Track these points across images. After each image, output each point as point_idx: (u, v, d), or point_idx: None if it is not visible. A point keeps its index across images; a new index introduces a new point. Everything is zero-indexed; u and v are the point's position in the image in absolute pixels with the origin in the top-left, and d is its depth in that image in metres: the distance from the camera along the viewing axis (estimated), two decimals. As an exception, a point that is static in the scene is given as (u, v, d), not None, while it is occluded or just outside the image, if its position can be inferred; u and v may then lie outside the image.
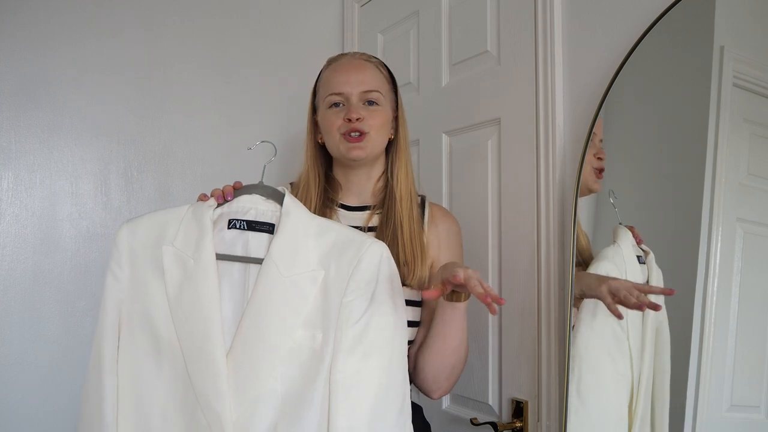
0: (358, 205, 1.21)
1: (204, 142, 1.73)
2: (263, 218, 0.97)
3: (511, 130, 1.39)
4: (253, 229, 0.96)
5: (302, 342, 0.90)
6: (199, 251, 0.94)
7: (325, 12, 1.98)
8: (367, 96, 1.17)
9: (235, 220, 0.97)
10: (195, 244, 0.94)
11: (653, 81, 1.10)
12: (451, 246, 1.20)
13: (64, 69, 1.55)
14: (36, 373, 1.48)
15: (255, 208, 0.98)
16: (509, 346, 1.37)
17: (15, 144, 1.50)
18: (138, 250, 0.96)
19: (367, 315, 0.91)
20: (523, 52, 1.36)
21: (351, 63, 1.21)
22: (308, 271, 0.92)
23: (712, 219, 0.97)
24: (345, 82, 1.17)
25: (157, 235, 0.97)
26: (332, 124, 1.16)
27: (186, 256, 0.94)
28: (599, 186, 1.17)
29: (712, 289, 0.97)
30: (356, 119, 1.14)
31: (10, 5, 1.49)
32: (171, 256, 0.95)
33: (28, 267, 1.49)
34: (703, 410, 0.96)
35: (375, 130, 1.16)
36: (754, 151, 0.96)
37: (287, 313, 0.91)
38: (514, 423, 1.31)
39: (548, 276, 1.26)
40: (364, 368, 0.90)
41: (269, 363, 0.89)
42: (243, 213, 0.97)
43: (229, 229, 0.96)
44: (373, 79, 1.19)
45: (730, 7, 1.00)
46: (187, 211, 0.98)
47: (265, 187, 1.01)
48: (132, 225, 0.98)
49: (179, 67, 1.70)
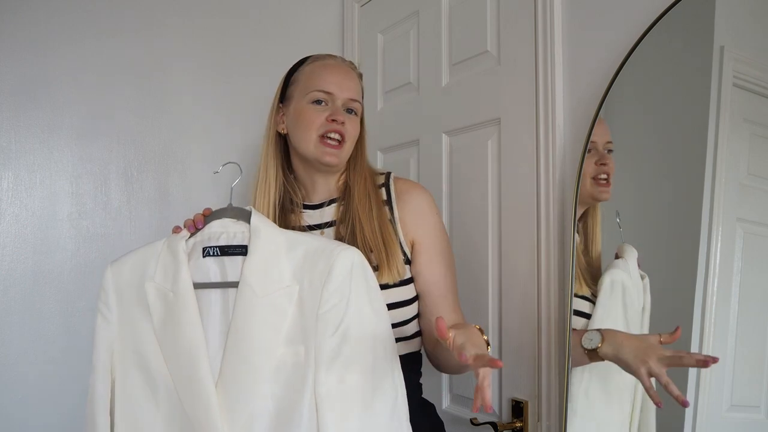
0: (321, 201, 1.21)
1: (204, 142, 1.73)
2: (235, 241, 0.98)
3: (511, 130, 1.39)
4: (227, 254, 0.97)
5: (285, 359, 0.91)
6: (177, 283, 0.95)
7: (325, 12, 1.98)
8: (350, 104, 1.17)
9: (208, 247, 0.98)
10: (172, 277, 0.96)
11: (653, 81, 1.10)
12: (425, 217, 1.17)
13: (64, 69, 1.55)
14: (36, 373, 1.48)
15: (226, 232, 0.99)
16: (509, 346, 1.37)
17: (15, 144, 1.50)
18: (124, 289, 0.99)
19: (344, 324, 0.90)
20: (523, 52, 1.36)
21: (342, 67, 1.20)
22: (283, 287, 0.93)
23: (712, 219, 0.97)
24: (335, 83, 1.16)
25: (140, 273, 0.99)
26: (312, 122, 1.14)
27: (166, 289, 0.96)
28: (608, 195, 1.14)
29: (712, 289, 0.97)
30: (342, 122, 1.14)
31: (10, 5, 1.49)
32: (153, 291, 0.97)
33: (28, 267, 1.49)
34: (703, 410, 0.96)
35: (351, 139, 1.16)
36: (754, 151, 0.96)
37: (267, 332, 0.91)
38: (514, 423, 1.31)
39: (548, 276, 1.26)
40: (346, 378, 0.89)
41: (256, 383, 0.90)
42: (215, 239, 0.98)
43: (204, 257, 0.97)
44: (357, 89, 1.20)
45: (730, 7, 1.00)
46: (163, 245, 1.00)
47: (233, 209, 1.01)
48: (116, 266, 1.01)
49: (179, 67, 1.70)
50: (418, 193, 1.19)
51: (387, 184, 1.20)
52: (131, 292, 0.98)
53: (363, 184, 1.17)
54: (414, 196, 1.18)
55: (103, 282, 1.00)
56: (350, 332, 0.90)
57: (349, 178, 1.19)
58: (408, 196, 1.18)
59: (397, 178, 1.22)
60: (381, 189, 1.19)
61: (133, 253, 1.02)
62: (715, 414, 0.96)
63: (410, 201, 1.18)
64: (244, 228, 0.99)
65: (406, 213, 1.16)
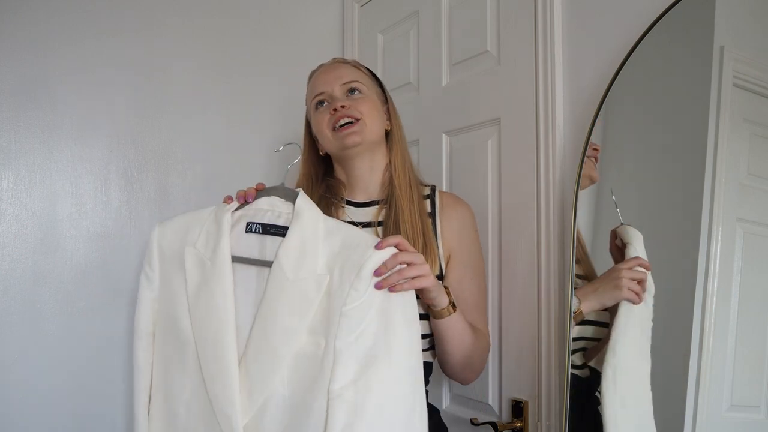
0: (365, 201, 1.22)
1: (204, 142, 1.73)
2: (278, 221, 0.97)
3: (511, 130, 1.39)
4: (268, 233, 0.97)
5: (306, 348, 0.89)
6: (216, 253, 0.95)
7: (325, 12, 1.98)
8: (347, 86, 1.20)
9: (251, 223, 0.98)
10: (213, 246, 0.96)
11: (653, 81, 1.10)
12: (465, 234, 1.20)
13: (64, 69, 1.54)
14: (36, 374, 1.48)
15: (272, 211, 0.98)
16: (509, 346, 1.37)
17: (15, 144, 1.50)
18: (166, 251, 1.00)
19: (364, 324, 0.87)
20: (523, 52, 1.36)
21: (328, 66, 1.25)
22: (314, 275, 0.91)
23: (712, 219, 0.97)
24: (324, 82, 1.21)
25: (182, 237, 1.00)
26: (321, 122, 1.19)
27: (204, 257, 0.96)
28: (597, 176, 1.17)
29: (712, 289, 0.97)
30: (341, 106, 1.16)
31: (10, 5, 1.49)
32: (192, 257, 0.97)
33: (28, 267, 1.49)
34: (703, 410, 0.96)
35: (366, 115, 1.17)
36: (754, 151, 0.96)
37: (292, 317, 0.90)
38: (514, 423, 1.31)
39: (548, 276, 1.26)
40: (362, 379, 0.86)
41: (275, 367, 0.89)
42: (260, 216, 0.98)
43: (247, 233, 0.97)
44: (350, 72, 1.22)
45: (730, 7, 1.00)
46: (210, 213, 1.00)
47: (284, 188, 1.01)
48: (162, 227, 1.02)
49: (179, 67, 1.70)
50: (463, 209, 1.22)
51: (432, 196, 1.22)
52: (172, 255, 0.99)
53: (407, 188, 1.19)
54: (458, 210, 1.21)
55: (149, 242, 1.01)
56: (372, 333, 0.87)
57: (393, 178, 1.20)
58: (452, 210, 1.20)
59: (442, 191, 1.25)
60: (426, 201, 1.21)
61: (181, 216, 1.03)
62: (715, 414, 0.96)
63: (453, 215, 1.20)
64: (290, 209, 0.98)
65: (447, 227, 1.18)
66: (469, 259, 1.19)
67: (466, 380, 1.19)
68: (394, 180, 1.19)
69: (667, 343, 1.02)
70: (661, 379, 1.01)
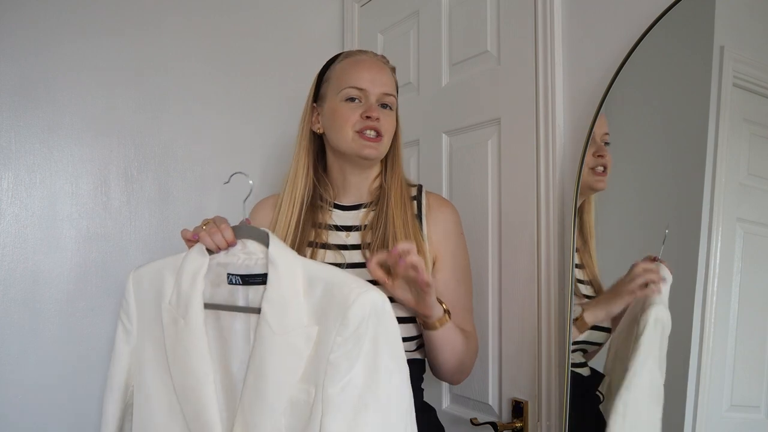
0: (352, 204, 1.21)
1: (204, 142, 1.73)
2: (255, 269, 0.94)
3: (511, 130, 1.39)
4: (249, 284, 0.94)
5: (299, 396, 0.87)
6: (188, 311, 0.93)
7: (325, 12, 1.98)
8: (384, 99, 1.16)
9: (231, 275, 0.95)
10: (185, 302, 0.94)
11: (653, 81, 1.10)
12: (451, 236, 1.19)
13: (64, 69, 1.54)
14: (36, 374, 1.48)
15: (247, 258, 0.94)
16: (509, 346, 1.37)
17: (15, 144, 1.50)
18: (144, 302, 0.98)
19: (353, 373, 0.84)
20: (523, 52, 1.36)
21: (374, 62, 1.20)
22: (301, 327, 0.87)
23: (712, 219, 0.97)
24: (368, 80, 1.15)
25: (157, 288, 0.97)
26: (347, 119, 1.14)
27: (177, 315, 0.94)
28: (604, 184, 1.16)
29: (712, 289, 0.97)
30: (376, 118, 1.13)
31: (11, 5, 1.49)
32: (167, 314, 0.95)
33: (28, 267, 1.49)
34: (703, 410, 0.96)
35: (388, 134, 1.16)
36: (754, 151, 0.96)
37: (283, 372, 0.87)
38: (514, 423, 1.31)
39: (548, 276, 1.26)
40: (351, 428, 0.83)
41: (270, 416, 0.87)
42: (235, 266, 0.95)
43: (228, 284, 0.95)
44: (391, 83, 1.19)
45: (730, 7, 1.00)
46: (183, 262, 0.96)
47: (249, 228, 0.97)
48: (137, 274, 0.99)
49: (179, 67, 1.70)
50: (449, 211, 1.21)
51: (419, 197, 1.21)
52: (150, 307, 0.97)
53: (399, 190, 1.18)
54: (445, 212, 1.20)
55: (125, 293, 0.98)
56: (360, 382, 0.84)
57: (386, 180, 1.19)
58: (438, 213, 1.19)
59: (428, 192, 1.23)
60: (413, 202, 1.20)
61: (154, 264, 0.99)
62: (715, 414, 0.96)
63: (440, 217, 1.19)
64: (263, 252, 0.94)
65: (433, 229, 1.17)
66: (454, 262, 1.18)
67: (457, 382, 1.19)
68: (390, 193, 1.17)
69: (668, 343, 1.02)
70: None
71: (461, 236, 1.21)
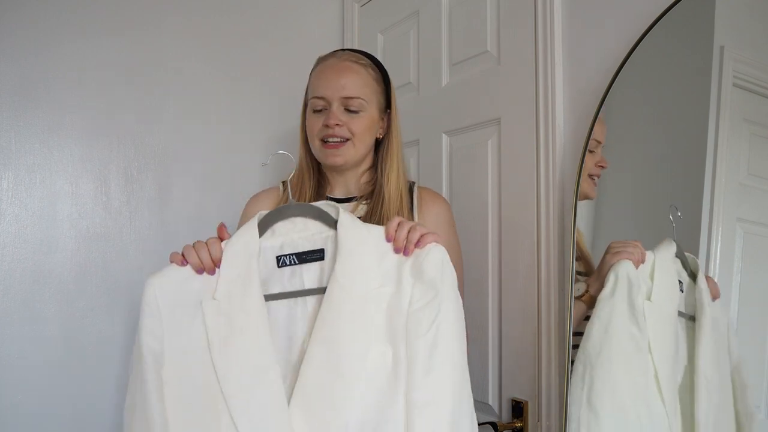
0: (343, 197, 1.23)
1: (204, 142, 1.73)
2: (310, 245, 0.91)
3: (511, 130, 1.39)
4: (305, 261, 0.91)
5: (375, 364, 0.84)
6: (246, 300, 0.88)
7: (325, 12, 1.98)
8: (347, 103, 1.16)
9: (282, 256, 0.91)
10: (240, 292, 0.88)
11: (653, 81, 1.10)
12: (444, 230, 1.18)
13: (64, 69, 1.54)
14: (36, 374, 1.48)
15: (299, 236, 0.92)
16: (509, 346, 1.37)
17: (15, 144, 1.50)
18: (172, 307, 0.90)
19: (435, 325, 0.84)
20: (523, 52, 1.36)
21: (335, 66, 1.19)
22: (375, 289, 0.87)
23: (712, 219, 0.97)
24: (326, 86, 1.17)
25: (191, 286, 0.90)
26: (312, 130, 1.19)
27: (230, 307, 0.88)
28: (594, 193, 1.16)
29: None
30: (334, 125, 1.14)
31: (11, 5, 1.49)
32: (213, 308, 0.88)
33: (28, 267, 1.49)
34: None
35: (356, 136, 1.16)
36: (754, 151, 0.96)
37: (359, 338, 0.85)
38: (514, 423, 1.31)
39: (548, 276, 1.26)
40: (439, 382, 0.83)
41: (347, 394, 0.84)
42: (289, 245, 0.91)
43: (280, 267, 0.91)
44: (354, 85, 1.16)
45: (730, 7, 1.00)
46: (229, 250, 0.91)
47: (302, 206, 0.94)
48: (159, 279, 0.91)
49: (179, 67, 1.70)
50: (441, 205, 1.22)
51: (411, 192, 1.22)
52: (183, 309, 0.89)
53: (396, 185, 1.18)
54: (436, 206, 1.21)
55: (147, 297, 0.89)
56: (441, 333, 0.84)
57: (379, 178, 1.20)
58: (431, 207, 1.20)
59: (420, 187, 1.24)
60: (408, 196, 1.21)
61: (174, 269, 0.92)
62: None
63: (431, 212, 1.19)
64: (316, 228, 0.92)
65: (425, 223, 1.17)
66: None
67: None
68: (384, 190, 1.17)
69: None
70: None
71: (453, 229, 1.22)
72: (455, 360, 0.86)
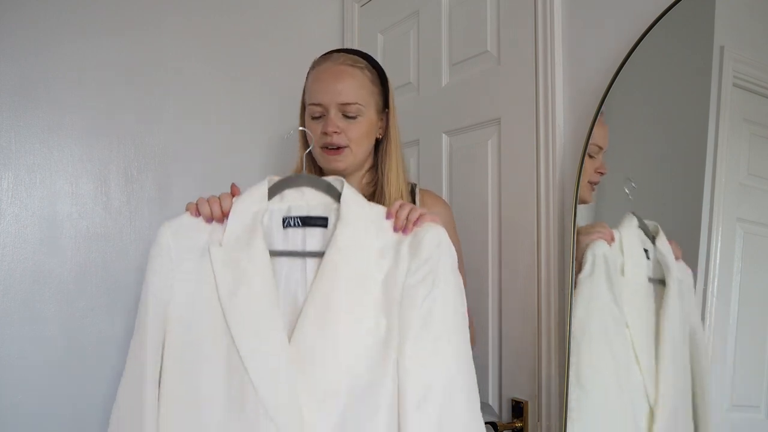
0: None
1: (204, 142, 1.73)
2: (316, 212, 0.96)
3: (511, 130, 1.39)
4: (308, 225, 0.95)
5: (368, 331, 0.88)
6: (251, 250, 0.91)
7: (325, 12, 1.98)
8: (345, 109, 1.15)
9: (288, 218, 0.95)
10: (246, 241, 0.92)
11: (653, 81, 1.10)
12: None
13: (64, 69, 1.54)
14: (36, 374, 1.48)
15: (306, 203, 0.96)
16: (509, 346, 1.37)
17: (15, 144, 1.50)
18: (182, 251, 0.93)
19: (430, 298, 0.88)
20: (523, 52, 1.36)
21: (330, 71, 1.18)
22: (373, 259, 0.91)
23: (712, 219, 0.97)
24: (323, 93, 1.16)
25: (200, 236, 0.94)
26: (313, 133, 1.18)
27: (236, 255, 0.91)
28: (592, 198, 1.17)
29: (712, 289, 0.97)
30: (332, 132, 1.14)
31: (11, 5, 1.49)
32: (220, 255, 0.92)
33: (28, 267, 1.49)
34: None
35: (354, 142, 1.16)
36: (754, 151, 0.96)
37: (353, 303, 0.89)
38: (514, 423, 1.31)
39: (548, 276, 1.26)
40: (432, 353, 0.86)
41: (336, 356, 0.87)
42: (296, 209, 0.96)
43: (285, 228, 0.95)
44: (351, 90, 1.16)
45: (730, 7, 1.00)
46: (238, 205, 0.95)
47: (311, 178, 0.99)
48: (174, 225, 0.95)
49: (179, 67, 1.70)
50: (442, 208, 1.23)
51: (413, 195, 1.22)
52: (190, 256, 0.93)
53: (396, 186, 1.18)
54: (437, 208, 1.21)
55: (159, 240, 0.93)
56: (437, 306, 0.88)
57: (380, 178, 1.20)
58: (432, 208, 1.19)
59: (422, 189, 1.25)
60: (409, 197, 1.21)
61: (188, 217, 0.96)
62: (715, 414, 0.96)
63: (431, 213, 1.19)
64: (324, 199, 0.96)
65: None
66: None
67: None
68: (386, 191, 1.18)
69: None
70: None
71: (454, 232, 1.22)
72: (450, 337, 0.89)
